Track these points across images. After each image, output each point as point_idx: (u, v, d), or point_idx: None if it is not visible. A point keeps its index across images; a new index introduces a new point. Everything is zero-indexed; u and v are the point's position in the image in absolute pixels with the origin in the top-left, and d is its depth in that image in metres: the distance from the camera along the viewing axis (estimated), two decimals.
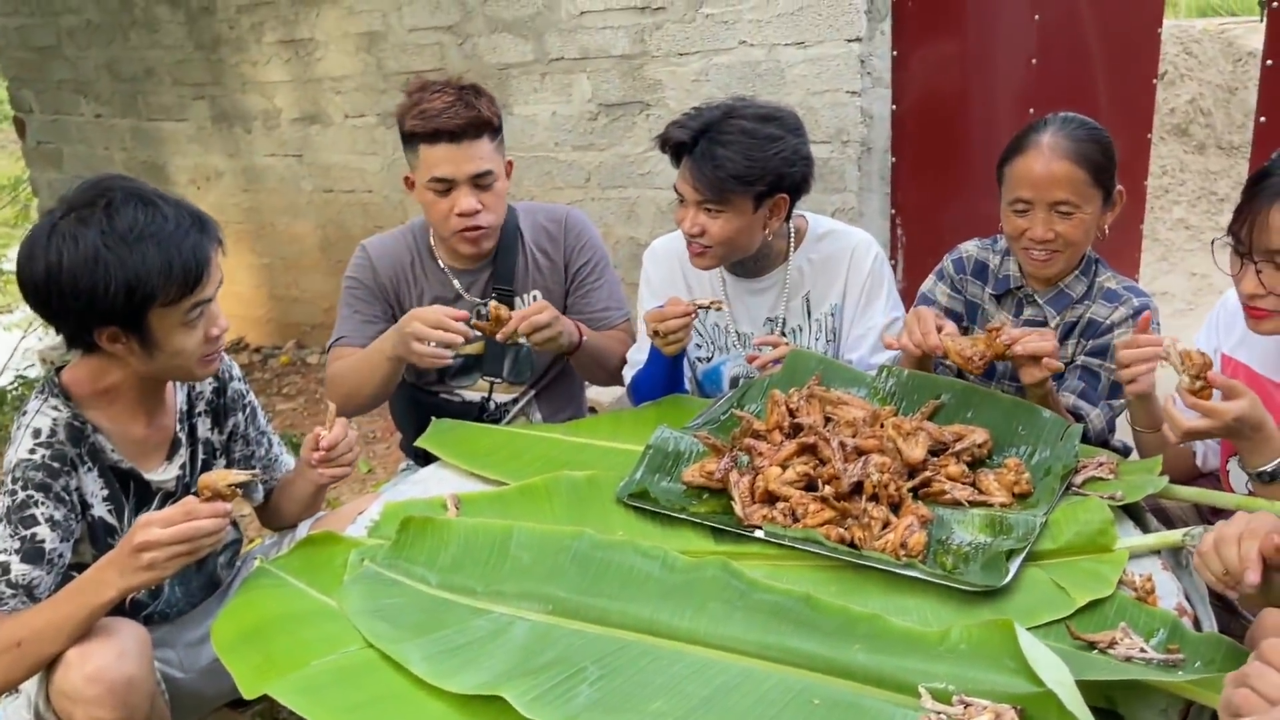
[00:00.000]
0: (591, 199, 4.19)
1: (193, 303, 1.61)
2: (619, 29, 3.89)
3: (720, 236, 2.05)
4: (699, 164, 1.97)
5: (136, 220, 1.55)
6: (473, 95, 2.15)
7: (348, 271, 2.37)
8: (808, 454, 1.68)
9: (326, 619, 1.47)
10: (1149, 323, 1.73)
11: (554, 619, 1.41)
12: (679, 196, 2.07)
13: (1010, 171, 1.97)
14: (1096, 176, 1.91)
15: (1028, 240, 1.95)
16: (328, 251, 5.19)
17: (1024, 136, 1.97)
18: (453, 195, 2.16)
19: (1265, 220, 1.54)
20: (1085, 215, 1.92)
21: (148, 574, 1.43)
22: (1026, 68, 3.45)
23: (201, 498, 1.47)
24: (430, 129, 2.12)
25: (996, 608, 1.37)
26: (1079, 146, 1.91)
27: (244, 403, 1.96)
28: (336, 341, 2.33)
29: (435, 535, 1.60)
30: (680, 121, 2.02)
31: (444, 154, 2.13)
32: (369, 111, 4.71)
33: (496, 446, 2.00)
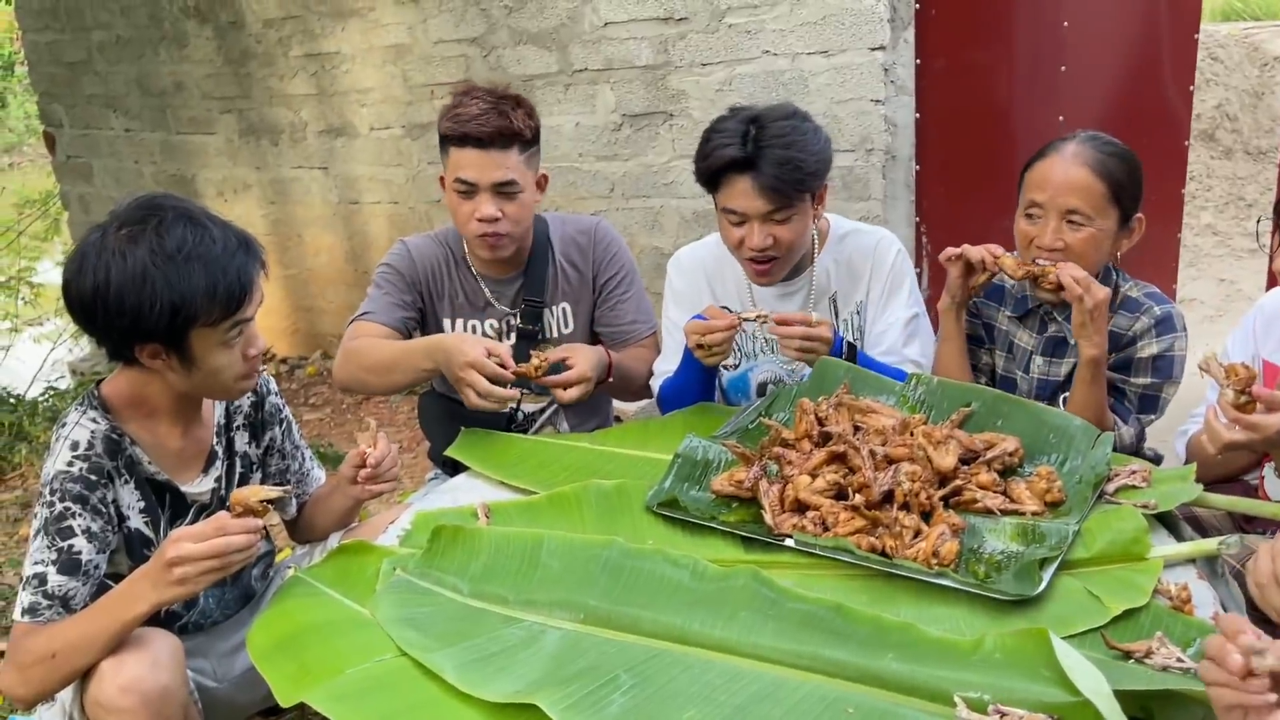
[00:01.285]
0: (616, 209, 4.21)
1: (233, 323, 1.63)
2: (642, 40, 3.90)
3: (790, 242, 2.04)
4: (766, 174, 1.94)
5: (185, 240, 1.57)
6: (510, 105, 2.17)
7: (384, 260, 2.39)
8: (837, 462, 1.68)
9: (360, 628, 1.48)
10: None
11: (585, 627, 1.42)
12: (733, 217, 2.03)
13: (1028, 177, 1.97)
14: (1115, 193, 1.89)
15: (1035, 249, 1.93)
16: (353, 263, 5.23)
17: (1049, 145, 1.97)
18: (475, 199, 2.18)
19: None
20: (1097, 231, 1.89)
21: (179, 589, 1.44)
22: (1055, 75, 3.44)
23: (233, 513, 1.48)
24: (460, 133, 2.15)
25: (1030, 617, 1.37)
26: (1102, 159, 1.89)
27: (280, 417, 1.98)
28: (361, 315, 2.32)
29: (466, 544, 1.61)
30: (718, 143, 1.98)
31: (470, 158, 2.15)
32: (394, 124, 4.74)
33: (525, 455, 2.01)
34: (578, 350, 2.16)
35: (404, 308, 2.34)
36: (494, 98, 2.17)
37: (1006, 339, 2.14)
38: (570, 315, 2.42)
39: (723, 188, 2.01)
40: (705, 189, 2.09)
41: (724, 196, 2.02)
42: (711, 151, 1.99)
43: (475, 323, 2.38)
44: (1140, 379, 1.97)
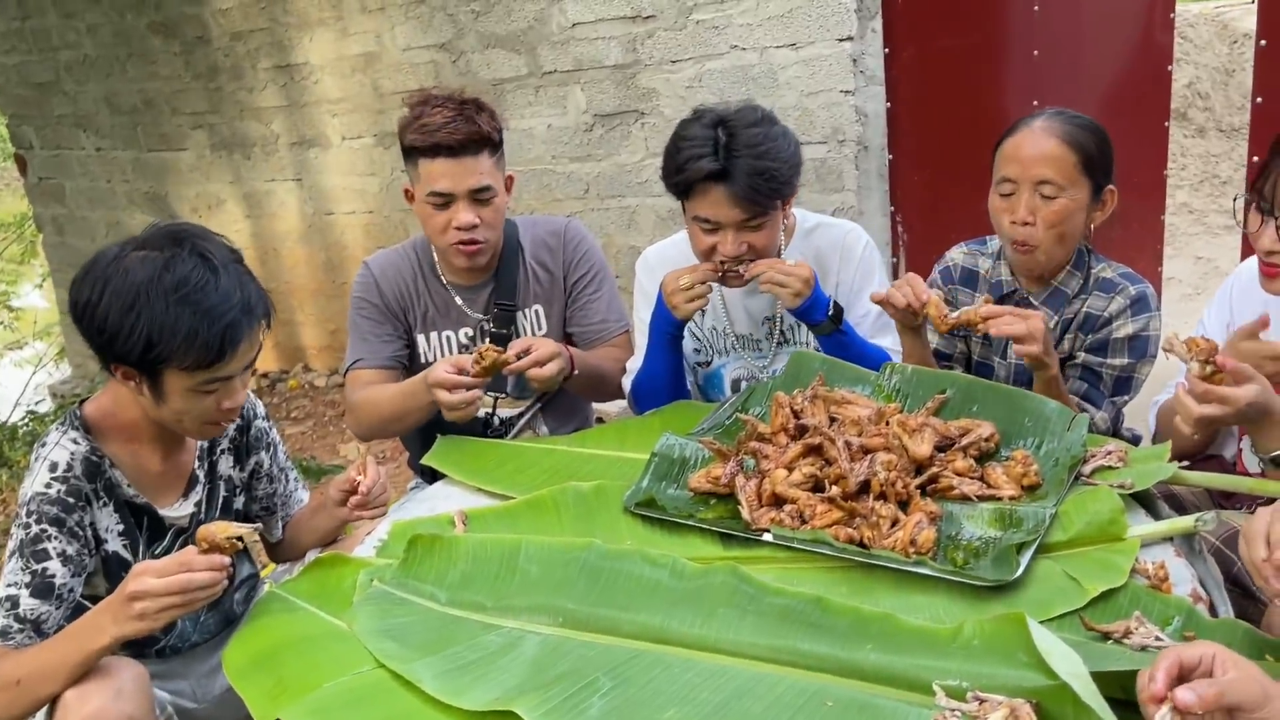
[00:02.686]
0: (591, 209, 4.20)
1: (209, 377, 1.60)
2: (611, 39, 3.89)
3: (764, 248, 2.02)
4: (741, 184, 1.92)
5: (187, 281, 1.54)
6: (474, 110, 2.15)
7: (354, 291, 2.38)
8: (814, 455, 1.67)
9: (337, 641, 1.46)
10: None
11: (564, 631, 1.41)
12: (706, 225, 2.01)
13: (1000, 154, 1.98)
14: (1086, 163, 1.90)
15: (1009, 226, 1.94)
16: (331, 273, 5.21)
17: (1019, 121, 1.98)
18: (451, 209, 2.17)
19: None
20: (1069, 202, 1.90)
21: (139, 624, 1.41)
22: (1028, 59, 3.43)
23: (200, 549, 1.45)
24: (430, 144, 2.12)
25: (1008, 602, 1.36)
26: (1072, 130, 1.91)
27: (267, 440, 1.96)
28: (354, 364, 2.33)
29: (443, 552, 1.59)
30: (690, 153, 1.95)
31: (443, 169, 2.13)
32: (366, 133, 4.73)
33: (503, 461, 2.00)
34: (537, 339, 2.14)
35: (390, 340, 2.33)
36: (456, 104, 2.14)
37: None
38: (543, 317, 2.41)
39: (695, 196, 1.99)
40: (676, 197, 2.06)
41: (696, 205, 2.00)
42: (685, 163, 1.96)
43: (449, 333, 2.37)
44: (1116, 359, 1.97)
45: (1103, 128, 1.95)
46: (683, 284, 2.02)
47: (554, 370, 2.07)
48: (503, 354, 2.05)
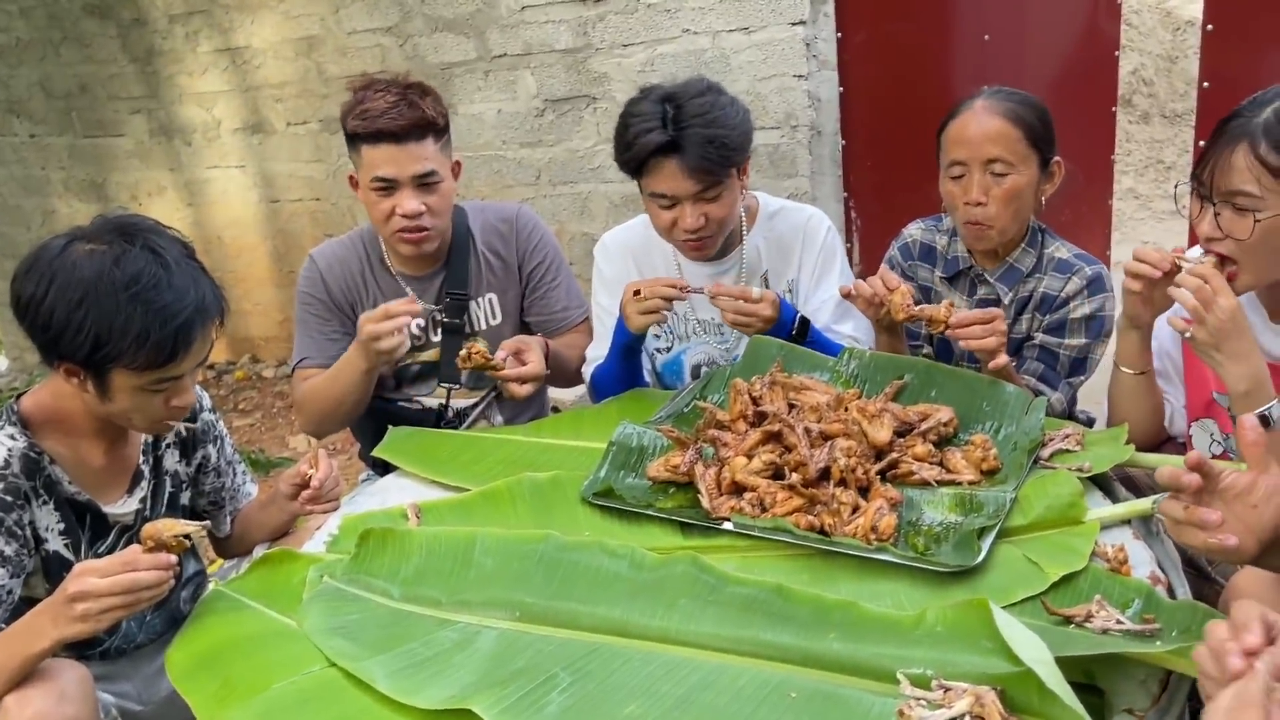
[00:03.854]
0: (543, 196, 4.15)
1: (159, 377, 1.54)
2: (561, 23, 3.84)
3: (722, 218, 2.02)
4: (692, 154, 1.91)
5: (139, 278, 1.48)
6: (417, 94, 2.10)
7: (299, 285, 2.31)
8: (773, 442, 1.66)
9: (286, 640, 1.42)
10: None
11: (522, 626, 1.38)
12: (663, 201, 1.99)
13: (946, 138, 1.98)
14: (1031, 137, 1.91)
15: (964, 206, 1.95)
16: (279, 262, 5.10)
17: (959, 105, 1.99)
18: (395, 196, 2.11)
19: (1228, 160, 1.53)
20: (1020, 178, 1.91)
21: (81, 625, 1.35)
22: (979, 44, 3.44)
23: (145, 548, 1.40)
24: (372, 129, 2.06)
25: (970, 587, 1.35)
26: (1013, 107, 1.92)
27: (214, 434, 1.90)
28: (300, 363, 2.28)
29: (396, 546, 1.55)
30: (638, 128, 1.93)
31: (386, 155, 2.08)
32: (312, 118, 4.63)
33: (456, 452, 1.96)
34: (530, 345, 2.12)
35: (336, 338, 2.28)
36: (399, 88, 2.09)
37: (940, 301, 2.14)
38: (497, 306, 2.36)
39: (649, 173, 1.97)
40: (630, 176, 2.04)
41: (651, 181, 1.98)
42: (634, 139, 1.94)
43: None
44: (1074, 340, 1.98)
45: (1041, 101, 1.98)
46: (636, 296, 1.97)
47: (532, 391, 2.07)
48: (491, 359, 2.02)
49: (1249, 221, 1.53)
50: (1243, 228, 1.54)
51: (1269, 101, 1.54)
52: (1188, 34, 6.66)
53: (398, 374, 2.35)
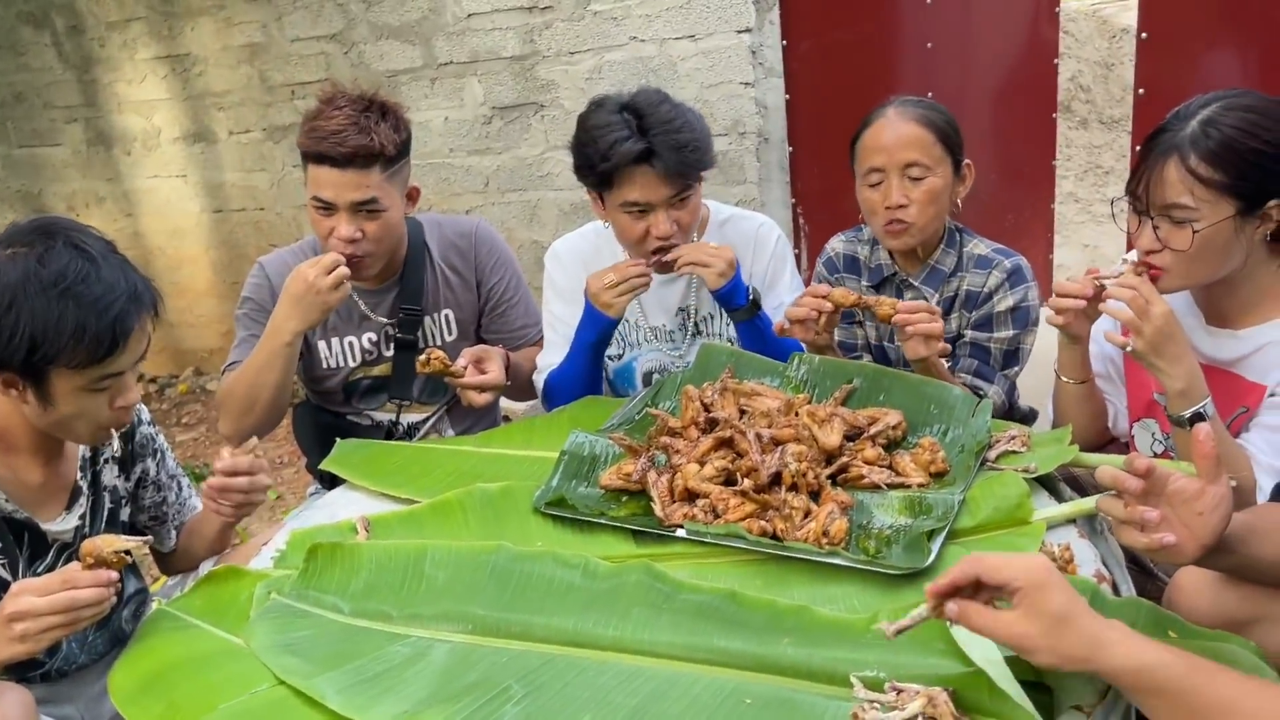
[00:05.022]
0: (492, 203, 4.13)
1: (101, 374, 1.50)
2: (508, 30, 3.83)
3: (690, 224, 2.05)
4: (669, 159, 1.92)
5: (66, 273, 1.44)
6: (375, 119, 2.04)
7: (244, 291, 2.27)
8: (725, 448, 1.66)
9: (233, 659, 1.39)
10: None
11: (474, 638, 1.36)
12: (634, 209, 1.99)
13: (860, 147, 2.03)
14: (943, 140, 1.97)
15: (884, 211, 1.99)
16: (222, 274, 5.02)
17: (869, 116, 2.04)
18: (334, 218, 2.07)
19: (1161, 175, 1.57)
20: (937, 180, 1.97)
21: (20, 646, 1.32)
22: (922, 52, 3.49)
23: (84, 565, 1.36)
24: (315, 151, 2.02)
25: (921, 589, 1.34)
26: (923, 113, 1.99)
27: (154, 447, 1.86)
28: (230, 366, 2.23)
29: (345, 561, 1.53)
30: (611, 139, 1.93)
31: (327, 177, 2.03)
32: (255, 127, 4.56)
33: (406, 464, 1.94)
34: (491, 354, 2.11)
35: None
36: (358, 109, 2.03)
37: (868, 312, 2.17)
38: (454, 322, 2.34)
39: (621, 183, 1.97)
40: (596, 188, 2.03)
41: (623, 191, 1.98)
42: (609, 150, 1.93)
43: (351, 339, 2.28)
44: (1002, 332, 2.03)
45: (945, 108, 2.04)
46: (607, 282, 1.99)
47: (491, 400, 2.06)
48: (451, 365, 2.00)
49: (1187, 233, 1.56)
50: (1181, 239, 1.57)
51: (1192, 114, 1.58)
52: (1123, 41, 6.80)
53: (347, 388, 2.32)
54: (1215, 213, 1.55)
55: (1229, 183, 1.53)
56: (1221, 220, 1.55)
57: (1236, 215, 1.55)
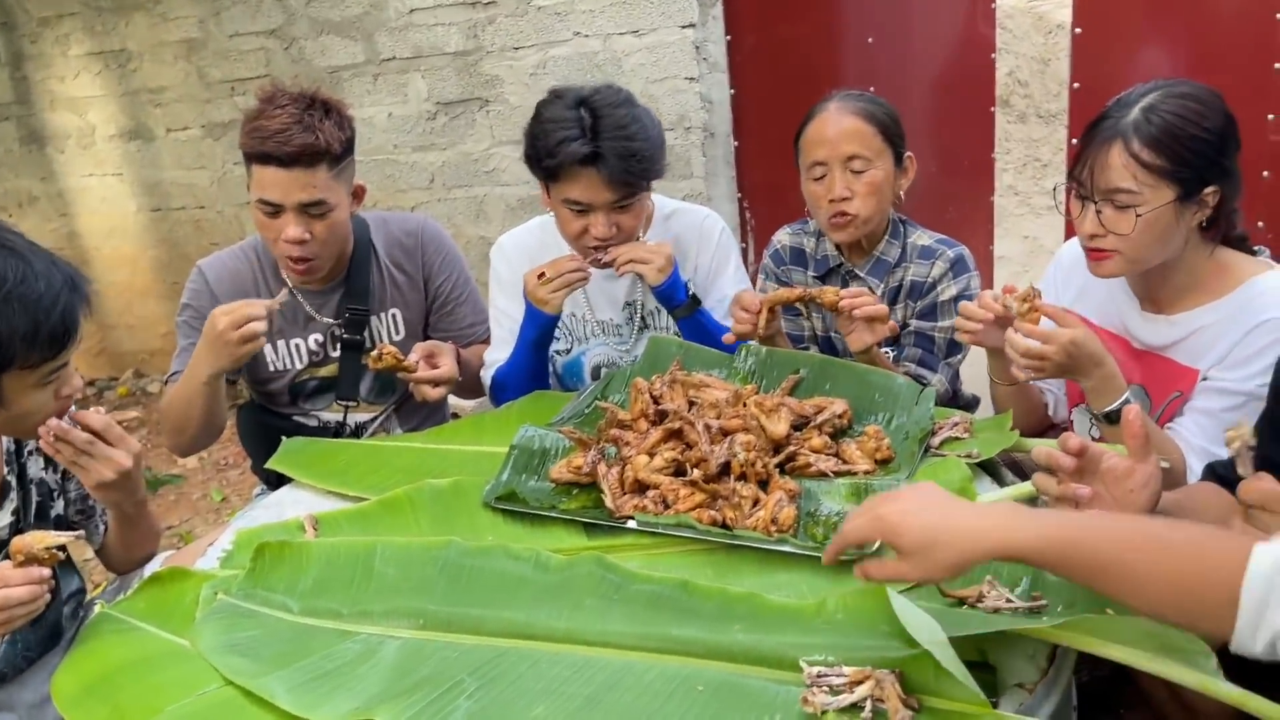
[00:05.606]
0: (438, 200, 4.10)
1: (52, 368, 1.48)
2: (451, 25, 3.80)
3: (632, 228, 2.04)
4: (613, 166, 1.91)
5: (6, 276, 1.41)
6: (318, 116, 2.00)
7: (184, 298, 2.22)
8: (674, 439, 1.67)
9: (180, 660, 1.37)
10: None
11: (426, 634, 1.36)
12: (576, 208, 1.99)
13: (804, 142, 2.06)
14: (885, 133, 2.01)
15: (828, 204, 2.02)
16: (161, 273, 4.93)
17: (811, 110, 2.07)
18: (281, 219, 2.03)
19: (1105, 160, 1.61)
20: (879, 172, 2.00)
21: None
22: (864, 46, 3.53)
23: (15, 562, 1.34)
24: (259, 151, 1.98)
25: None
26: (864, 106, 2.02)
27: None
28: (172, 377, 2.20)
29: (293, 559, 1.51)
30: (559, 136, 1.93)
31: (273, 178, 1.99)
32: (193, 124, 4.48)
33: (353, 461, 1.92)
34: (443, 349, 2.10)
35: None
36: (300, 107, 1.99)
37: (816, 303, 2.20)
38: (401, 322, 2.32)
39: (565, 180, 1.97)
40: (542, 179, 2.03)
41: (566, 188, 1.98)
42: (556, 147, 1.93)
43: (298, 341, 2.25)
44: (946, 321, 2.07)
45: (887, 102, 2.08)
46: (542, 278, 1.98)
47: (444, 394, 2.05)
48: (404, 360, 1.98)
49: (1130, 217, 1.60)
50: (1125, 223, 1.61)
51: (1134, 101, 1.62)
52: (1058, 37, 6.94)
53: (293, 389, 2.29)
54: (1157, 197, 1.59)
55: (1170, 168, 1.57)
56: (1163, 205, 1.59)
57: (1176, 200, 1.60)
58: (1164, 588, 1.04)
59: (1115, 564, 1.06)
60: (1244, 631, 1.00)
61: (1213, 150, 1.59)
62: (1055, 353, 1.59)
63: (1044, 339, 1.60)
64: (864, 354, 1.87)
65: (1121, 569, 1.06)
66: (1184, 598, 1.04)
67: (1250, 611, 0.99)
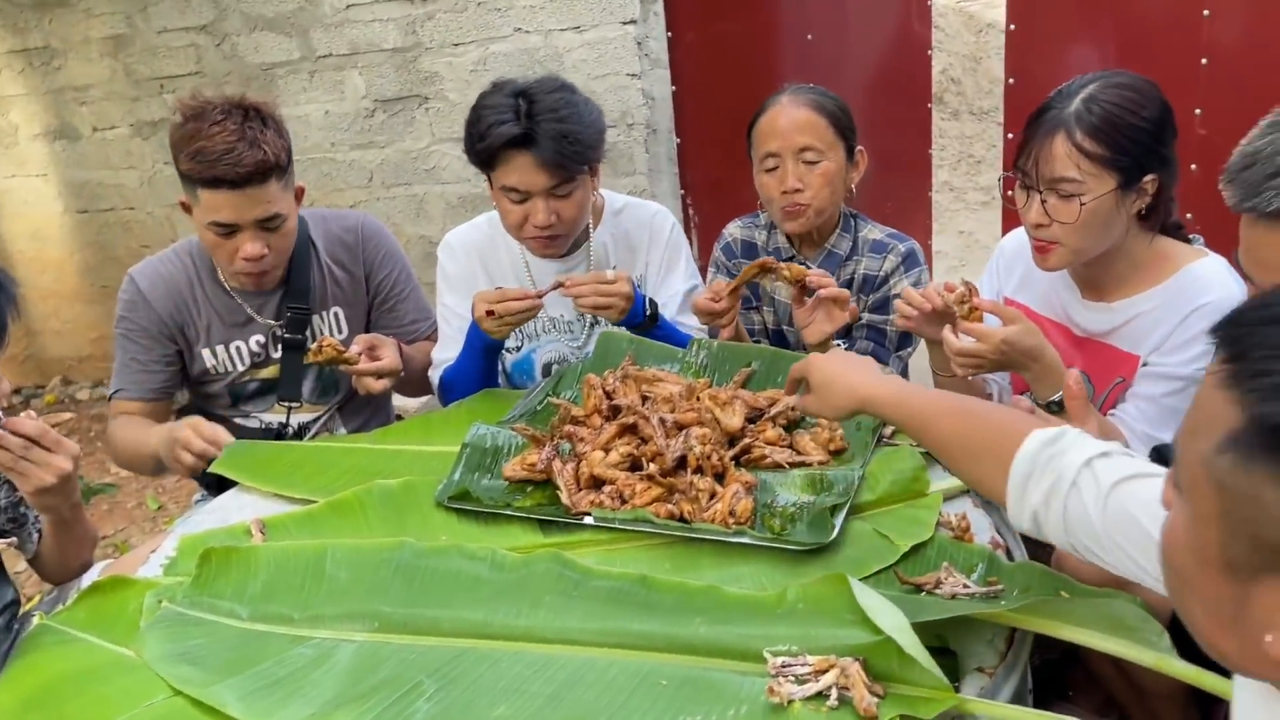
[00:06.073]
0: (377, 199, 4.04)
1: None
2: (388, 21, 3.75)
3: (573, 217, 2.01)
4: (546, 149, 1.88)
5: None
6: (258, 128, 1.94)
7: (119, 309, 2.16)
8: (629, 434, 1.66)
9: (125, 671, 1.32)
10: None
11: (382, 636, 1.33)
12: (514, 195, 1.96)
13: (756, 134, 2.07)
14: (837, 126, 2.03)
15: (781, 196, 2.03)
16: (90, 276, 4.79)
17: (764, 103, 2.09)
18: (236, 239, 1.99)
19: (1049, 150, 1.63)
20: (831, 164, 2.02)
21: None
22: (803, 43, 3.55)
23: None
24: (209, 175, 1.90)
25: (827, 563, 1.39)
26: (816, 99, 2.04)
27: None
28: (116, 394, 2.16)
29: (241, 565, 1.47)
30: (492, 120, 1.90)
31: (226, 201, 1.93)
32: (121, 123, 4.36)
33: (300, 463, 1.88)
34: (385, 341, 2.06)
35: (157, 370, 2.16)
36: (237, 121, 1.92)
37: (769, 295, 2.22)
38: (344, 320, 2.28)
39: (500, 166, 1.94)
40: (481, 169, 2.01)
41: (502, 174, 1.95)
42: (487, 130, 1.91)
43: (238, 343, 2.20)
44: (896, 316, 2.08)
45: (838, 96, 2.10)
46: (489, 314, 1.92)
47: (387, 386, 2.02)
48: (345, 351, 1.94)
49: (1075, 206, 1.63)
50: (1069, 212, 1.64)
51: (1075, 92, 1.65)
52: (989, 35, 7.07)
53: (233, 391, 2.24)
54: (1100, 185, 1.62)
55: (1111, 157, 1.60)
56: (1106, 193, 1.62)
57: (1118, 189, 1.63)
58: (962, 452, 1.22)
59: (933, 425, 1.25)
60: (1012, 505, 1.15)
61: (1151, 139, 1.63)
62: (989, 351, 1.62)
63: (979, 337, 1.63)
64: (820, 346, 1.88)
65: (937, 430, 1.24)
66: (973, 464, 1.21)
67: (1015, 487, 1.13)
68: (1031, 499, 1.12)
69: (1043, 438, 1.12)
